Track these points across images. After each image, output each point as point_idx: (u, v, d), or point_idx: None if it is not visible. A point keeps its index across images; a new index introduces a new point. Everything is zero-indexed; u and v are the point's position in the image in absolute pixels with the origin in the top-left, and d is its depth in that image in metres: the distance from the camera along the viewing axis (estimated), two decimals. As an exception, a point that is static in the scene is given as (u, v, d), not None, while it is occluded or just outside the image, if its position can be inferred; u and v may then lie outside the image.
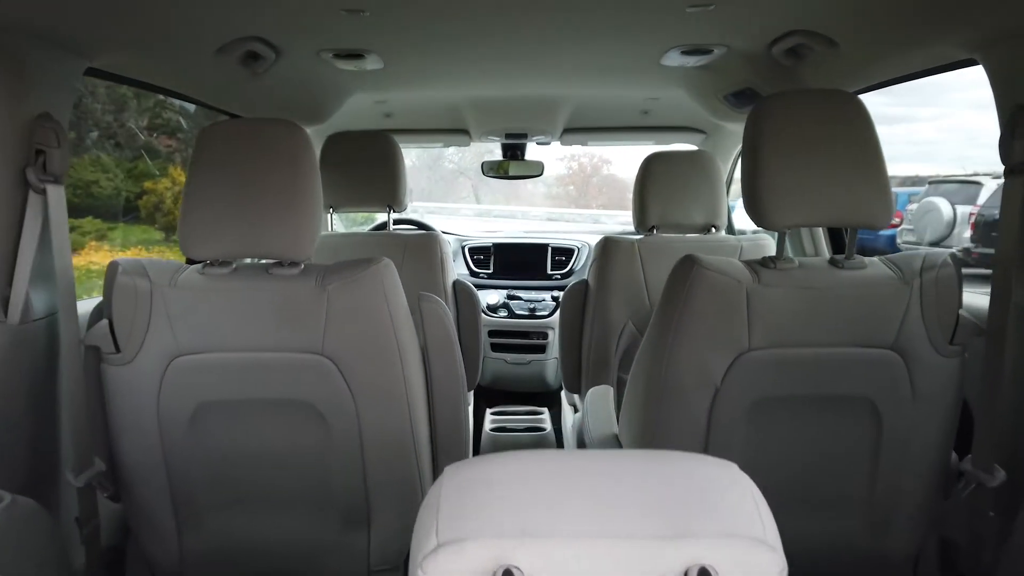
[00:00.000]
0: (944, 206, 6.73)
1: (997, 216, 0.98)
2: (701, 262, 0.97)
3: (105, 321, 0.97)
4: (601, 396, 1.40)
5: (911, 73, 1.24)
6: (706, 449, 1.01)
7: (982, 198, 6.51)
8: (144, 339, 0.97)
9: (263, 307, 0.98)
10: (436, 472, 1.17)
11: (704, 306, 0.96)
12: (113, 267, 0.97)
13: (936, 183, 7.45)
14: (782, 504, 1.08)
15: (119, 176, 5.38)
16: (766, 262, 0.99)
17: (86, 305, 1.08)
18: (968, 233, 6.50)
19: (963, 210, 6.63)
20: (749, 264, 0.99)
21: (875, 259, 1.01)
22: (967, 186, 6.84)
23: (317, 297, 0.97)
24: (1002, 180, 0.97)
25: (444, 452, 1.17)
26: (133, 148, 5.41)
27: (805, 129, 0.96)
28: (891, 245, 6.81)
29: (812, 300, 0.96)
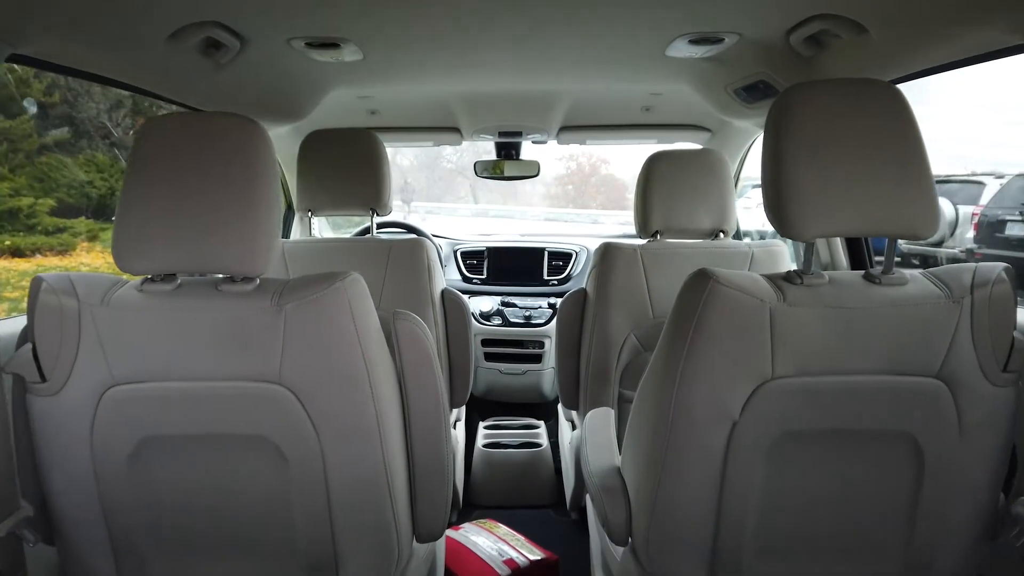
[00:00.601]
0: (946, 206, 6.63)
1: (1001, 216, 0.85)
2: (717, 277, 0.84)
3: (28, 346, 0.84)
4: (601, 420, 1.27)
5: (950, 62, 1.11)
6: (721, 489, 0.89)
7: (984, 198, 6.41)
8: (73, 367, 0.84)
9: (211, 329, 0.85)
10: (415, 517, 1.04)
11: (721, 328, 0.83)
12: (36, 283, 0.84)
13: (938, 183, 7.33)
14: (810, 548, 0.95)
15: (114, 176, 5.28)
16: (791, 277, 0.86)
17: (13, 325, 0.95)
18: (971, 234, 6.40)
19: (965, 210, 6.53)
20: (771, 279, 0.87)
21: (916, 273, 0.88)
22: (968, 186, 6.75)
23: (273, 318, 0.84)
24: (1004, 180, 0.84)
25: (424, 495, 1.03)
26: (127, 147, 5.31)
27: (837, 124, 0.83)
28: (892, 246, 6.68)
29: (845, 321, 0.84)
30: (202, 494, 0.91)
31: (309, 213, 1.67)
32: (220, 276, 0.87)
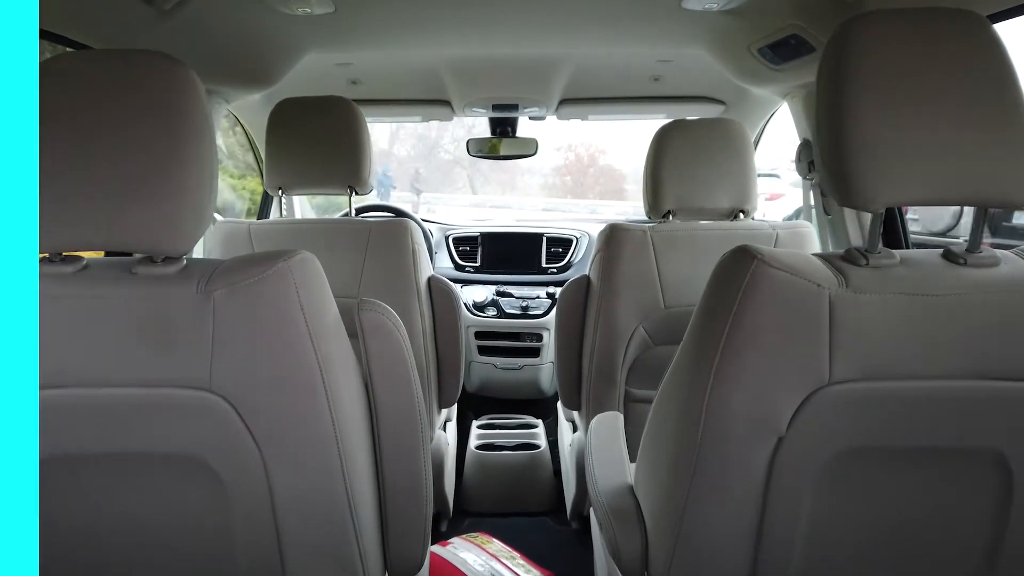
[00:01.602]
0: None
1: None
2: (763, 256, 0.66)
3: None
4: (609, 427, 1.10)
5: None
6: (763, 516, 0.72)
7: (991, 187, 6.25)
8: None
9: (124, 323, 0.67)
10: (387, 548, 0.87)
11: (767, 320, 0.66)
12: None
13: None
14: None
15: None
16: (854, 256, 0.69)
17: None
18: (976, 223, 6.24)
19: (971, 200, 6.35)
20: (828, 259, 0.69)
21: (1007, 252, 0.71)
22: (974, 175, 6.57)
23: (199, 308, 0.67)
24: None
25: (397, 522, 0.86)
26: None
27: (913, 63, 0.65)
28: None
29: (923, 312, 0.66)
30: (119, 526, 0.74)
31: (280, 191, 1.49)
32: (136, 256, 0.70)
